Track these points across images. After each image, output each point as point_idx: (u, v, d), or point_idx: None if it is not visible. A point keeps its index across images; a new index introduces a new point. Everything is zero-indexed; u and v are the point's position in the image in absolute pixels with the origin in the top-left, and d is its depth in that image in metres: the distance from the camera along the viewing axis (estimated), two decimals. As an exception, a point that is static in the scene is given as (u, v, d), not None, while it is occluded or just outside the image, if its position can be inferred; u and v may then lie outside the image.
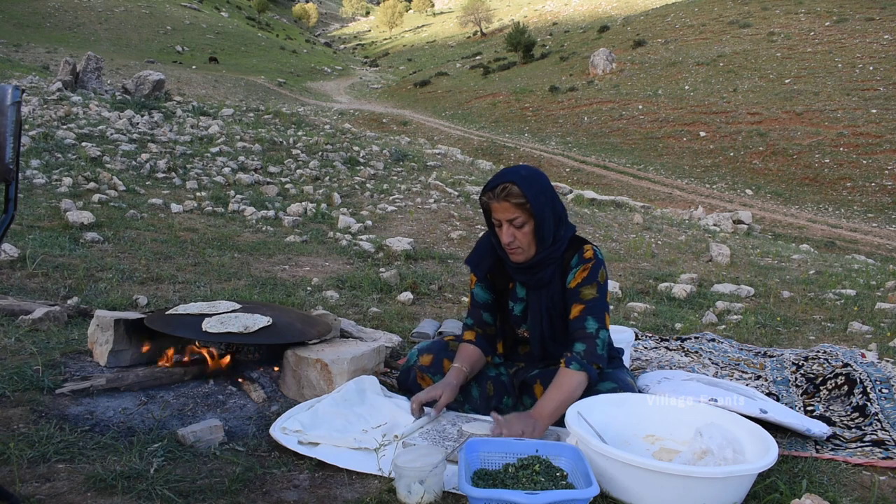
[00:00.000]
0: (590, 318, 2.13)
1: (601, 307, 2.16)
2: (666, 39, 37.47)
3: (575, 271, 2.17)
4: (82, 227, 4.74)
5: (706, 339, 3.46)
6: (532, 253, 2.15)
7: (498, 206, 2.09)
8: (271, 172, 8.31)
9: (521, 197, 2.05)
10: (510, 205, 2.07)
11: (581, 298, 2.15)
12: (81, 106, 10.85)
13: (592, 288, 2.15)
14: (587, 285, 2.15)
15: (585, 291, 2.15)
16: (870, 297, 4.94)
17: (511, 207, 2.07)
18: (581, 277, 2.16)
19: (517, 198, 2.06)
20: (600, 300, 2.16)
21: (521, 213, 2.08)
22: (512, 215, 2.08)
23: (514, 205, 2.07)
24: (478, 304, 2.35)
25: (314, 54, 60.16)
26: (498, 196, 2.07)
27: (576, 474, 1.72)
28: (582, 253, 2.18)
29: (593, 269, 2.16)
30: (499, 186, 2.07)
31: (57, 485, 1.64)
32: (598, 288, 2.16)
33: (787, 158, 22.25)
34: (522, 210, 2.07)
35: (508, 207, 2.07)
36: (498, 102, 34.08)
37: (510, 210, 2.07)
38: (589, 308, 2.14)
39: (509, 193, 2.06)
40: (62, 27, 44.59)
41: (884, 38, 30.01)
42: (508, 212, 2.08)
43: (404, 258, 5.01)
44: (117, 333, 2.35)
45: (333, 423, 2.06)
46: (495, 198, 2.08)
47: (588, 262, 2.17)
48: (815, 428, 2.19)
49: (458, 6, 79.18)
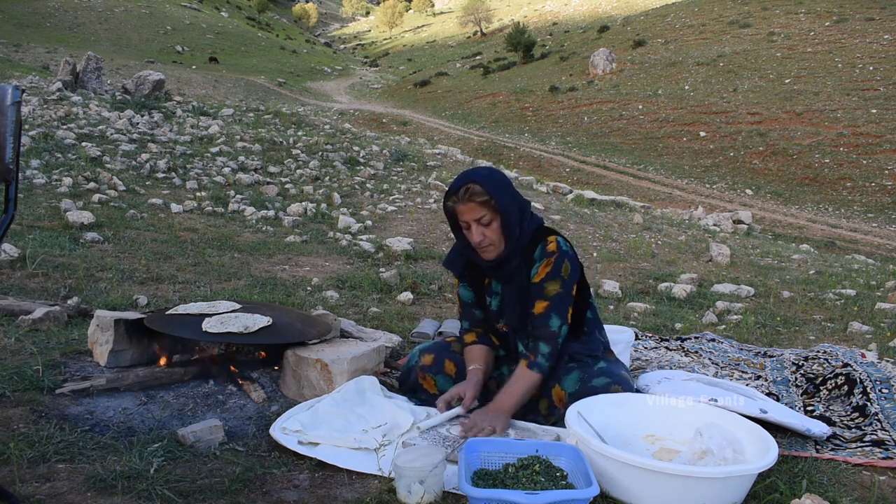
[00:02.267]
0: (553, 316, 2.15)
1: (565, 302, 2.17)
2: (666, 39, 37.47)
3: (538, 265, 2.18)
4: (82, 227, 4.74)
5: (706, 339, 3.46)
6: (502, 248, 2.18)
7: (463, 207, 2.12)
8: (271, 172, 8.31)
9: (484, 195, 2.08)
10: (475, 204, 2.10)
11: (545, 294, 2.16)
12: (81, 106, 10.85)
13: (556, 284, 2.15)
14: (550, 281, 2.16)
15: (549, 287, 2.16)
16: (870, 297, 4.94)
17: (476, 206, 2.10)
18: (544, 273, 2.17)
19: (481, 196, 2.09)
20: (564, 295, 2.16)
21: (487, 211, 2.11)
22: (478, 214, 2.11)
23: (478, 203, 2.10)
24: (468, 304, 2.38)
25: (314, 54, 60.16)
26: (462, 197, 2.10)
27: (576, 474, 1.72)
28: (545, 245, 2.18)
29: (556, 262, 2.16)
30: (462, 188, 2.10)
31: (57, 485, 1.64)
32: (563, 283, 2.16)
33: (787, 158, 22.25)
34: (487, 207, 2.10)
35: (474, 207, 2.10)
36: (498, 102, 34.07)
37: (476, 209, 2.10)
38: (553, 305, 2.15)
39: (473, 193, 2.09)
40: (62, 27, 44.58)
41: (884, 38, 30.00)
42: (474, 211, 2.11)
43: (404, 258, 5.01)
44: (117, 333, 2.35)
45: (333, 423, 2.06)
46: (460, 200, 2.11)
47: (551, 255, 2.17)
48: (815, 428, 2.19)
49: (458, 6, 79.17)
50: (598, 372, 2.18)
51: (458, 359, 2.37)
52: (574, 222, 7.70)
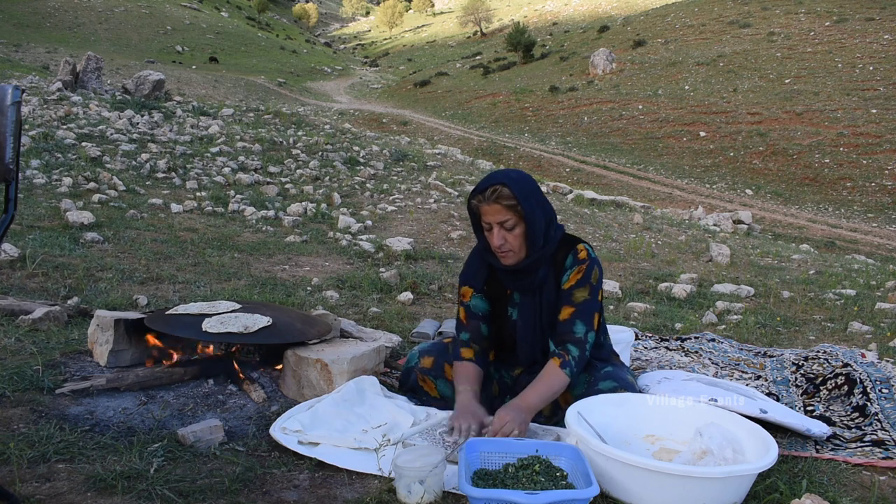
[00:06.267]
0: (578, 322, 2.13)
1: (592, 309, 2.16)
2: (666, 39, 37.46)
3: (570, 273, 2.17)
4: (82, 227, 4.74)
5: (706, 339, 3.45)
6: (523, 255, 2.14)
7: (488, 208, 2.07)
8: (271, 172, 8.31)
9: (511, 199, 2.04)
10: (501, 206, 2.05)
11: (573, 300, 2.15)
12: (81, 106, 10.85)
13: (585, 290, 2.15)
14: (580, 287, 2.15)
15: (578, 294, 2.15)
16: (870, 297, 4.94)
17: (502, 209, 2.06)
18: (575, 279, 2.16)
19: (508, 199, 2.05)
20: (591, 301, 2.15)
21: (512, 216, 2.07)
22: (503, 217, 2.07)
23: (504, 206, 2.05)
24: (476, 316, 2.28)
25: (314, 54, 60.15)
26: (488, 198, 2.06)
27: (576, 474, 1.72)
28: (576, 253, 2.18)
29: (587, 270, 2.16)
30: (489, 189, 2.06)
31: (57, 485, 1.64)
32: (591, 290, 2.15)
33: (787, 158, 22.24)
34: (513, 212, 2.07)
35: (499, 209, 2.06)
36: (498, 102, 34.06)
37: (501, 212, 2.06)
38: (579, 311, 2.14)
39: (500, 195, 2.04)
40: (62, 27, 44.57)
41: (884, 38, 29.99)
42: (499, 214, 2.06)
43: (404, 258, 5.01)
44: (117, 333, 2.35)
45: (333, 424, 2.05)
46: (485, 200, 2.07)
47: (583, 263, 2.16)
48: (815, 428, 2.19)
49: (458, 6, 79.16)
50: (604, 375, 2.18)
51: (457, 362, 2.36)
52: (574, 222, 7.70)
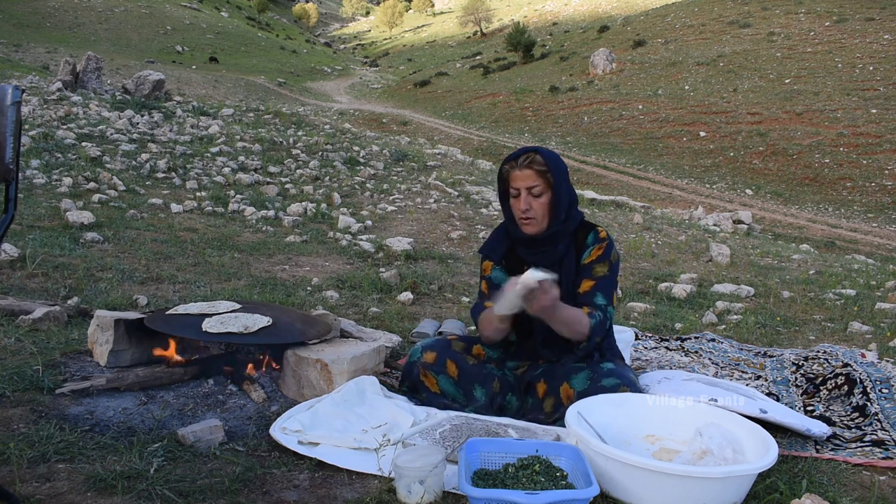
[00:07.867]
0: (599, 294, 2.22)
1: (611, 285, 2.25)
2: (666, 39, 37.46)
3: (591, 249, 2.28)
4: (82, 227, 4.74)
5: (706, 339, 3.45)
6: (545, 226, 2.22)
7: (519, 173, 2.17)
8: (271, 172, 8.31)
9: (543, 165, 2.15)
10: (532, 172, 2.15)
11: (593, 274, 2.25)
12: (81, 106, 10.85)
13: (604, 266, 2.25)
14: (600, 263, 2.26)
15: (598, 268, 2.25)
16: (870, 297, 4.94)
17: (533, 175, 2.15)
18: (596, 255, 2.26)
19: (540, 165, 2.15)
20: (610, 278, 2.25)
21: (541, 182, 2.16)
22: (532, 183, 2.16)
23: (536, 172, 2.16)
24: (498, 287, 2.28)
25: (314, 54, 60.15)
26: (521, 164, 2.16)
27: (576, 474, 1.72)
28: (597, 233, 2.30)
29: (607, 248, 2.27)
30: (522, 155, 2.17)
31: (57, 485, 1.64)
32: (610, 266, 2.26)
33: (787, 158, 22.23)
34: (543, 179, 2.16)
35: (530, 175, 2.15)
36: (498, 102, 34.05)
37: (531, 178, 2.16)
38: (599, 285, 2.23)
39: (533, 161, 2.15)
40: (62, 27, 44.57)
41: (884, 38, 29.99)
42: (529, 179, 2.16)
43: (404, 258, 5.00)
44: (117, 333, 2.35)
45: (333, 424, 2.05)
46: (518, 166, 2.17)
47: (603, 241, 2.28)
48: (815, 428, 2.19)
49: (458, 6, 79.15)
50: (607, 373, 2.18)
51: (459, 359, 2.36)
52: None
